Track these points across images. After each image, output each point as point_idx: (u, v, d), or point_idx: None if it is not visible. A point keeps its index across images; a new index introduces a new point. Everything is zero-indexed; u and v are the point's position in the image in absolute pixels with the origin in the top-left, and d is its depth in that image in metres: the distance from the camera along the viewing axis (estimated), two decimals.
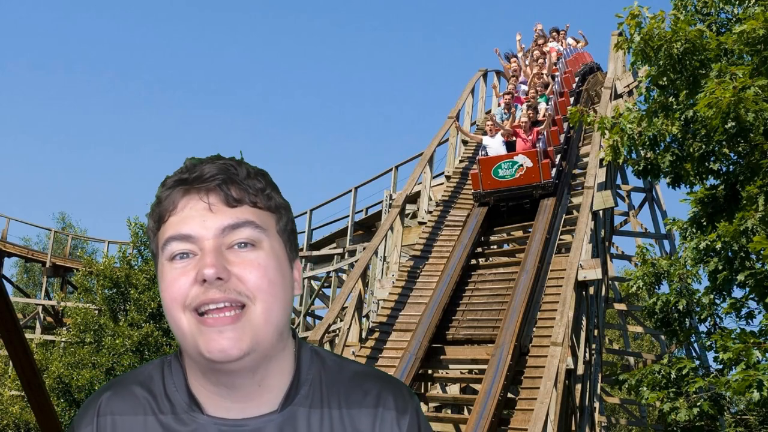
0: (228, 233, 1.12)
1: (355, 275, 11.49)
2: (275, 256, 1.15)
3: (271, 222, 1.17)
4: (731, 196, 9.86)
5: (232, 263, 1.11)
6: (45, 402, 5.29)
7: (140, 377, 1.22)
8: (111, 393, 1.21)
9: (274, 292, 1.13)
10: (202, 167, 1.16)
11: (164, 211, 1.16)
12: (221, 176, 1.14)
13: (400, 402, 1.21)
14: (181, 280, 1.11)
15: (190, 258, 1.12)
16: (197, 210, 1.13)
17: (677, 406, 9.93)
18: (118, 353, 19.67)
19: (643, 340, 32.64)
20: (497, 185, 13.45)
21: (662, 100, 10.20)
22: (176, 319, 1.12)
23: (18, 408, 21.14)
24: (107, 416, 1.19)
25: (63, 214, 47.88)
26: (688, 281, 10.64)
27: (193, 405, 1.17)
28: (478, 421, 8.75)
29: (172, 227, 1.14)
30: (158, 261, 1.17)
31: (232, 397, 1.15)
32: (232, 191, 1.14)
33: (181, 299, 1.11)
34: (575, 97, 17.91)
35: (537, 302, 11.05)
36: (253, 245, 1.13)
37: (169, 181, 1.17)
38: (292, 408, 1.16)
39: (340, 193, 22.22)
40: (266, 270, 1.12)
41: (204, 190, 1.14)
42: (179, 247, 1.13)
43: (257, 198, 1.16)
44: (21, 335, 5.19)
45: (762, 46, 9.10)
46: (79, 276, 22.62)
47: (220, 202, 1.13)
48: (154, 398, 1.18)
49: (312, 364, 1.21)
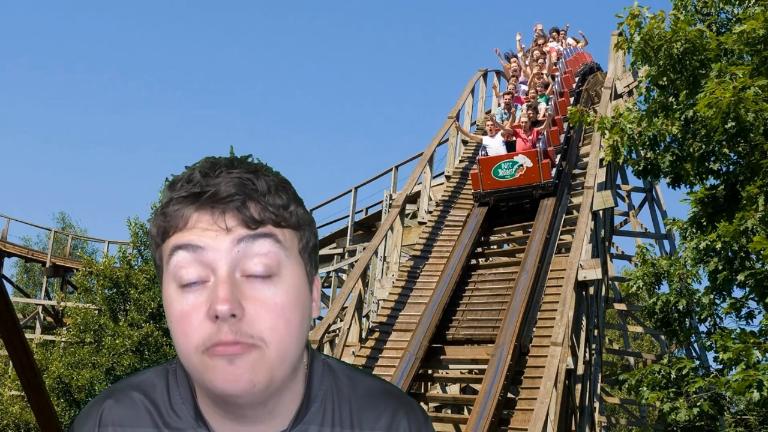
0: (245, 245, 1.02)
1: (355, 275, 11.49)
2: (295, 289, 1.06)
3: (294, 240, 1.07)
4: (731, 196, 9.86)
5: (247, 299, 1.01)
6: (45, 402, 5.28)
7: (142, 384, 1.16)
8: (113, 402, 1.15)
9: (291, 332, 1.04)
10: (217, 182, 1.04)
11: (170, 227, 1.05)
12: (240, 197, 1.03)
13: (413, 426, 1.16)
14: (192, 317, 1.02)
15: (201, 286, 1.02)
16: (211, 228, 1.03)
17: (677, 406, 9.93)
18: (118, 353, 19.68)
19: (643, 340, 32.64)
20: (497, 185, 13.45)
21: (662, 100, 10.21)
22: (187, 358, 1.04)
23: (18, 408, 21.15)
24: (108, 427, 1.13)
25: (63, 214, 47.95)
26: (688, 281, 10.65)
27: (200, 422, 1.11)
28: (478, 421, 8.75)
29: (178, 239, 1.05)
30: (162, 280, 1.09)
31: (242, 422, 1.09)
32: (252, 210, 1.03)
33: (195, 340, 1.02)
34: (575, 97, 17.91)
35: (537, 302, 11.05)
36: (270, 277, 1.03)
37: (177, 194, 1.05)
38: (302, 426, 1.12)
39: (340, 193, 22.23)
40: (283, 310, 1.03)
41: (219, 211, 1.03)
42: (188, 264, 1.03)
43: (279, 216, 1.05)
44: (21, 335, 5.19)
45: (762, 46, 9.10)
46: (79, 276, 22.63)
47: (237, 223, 1.03)
48: (157, 410, 1.13)
49: (323, 378, 1.16)
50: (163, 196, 1.08)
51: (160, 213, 1.06)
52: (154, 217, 1.08)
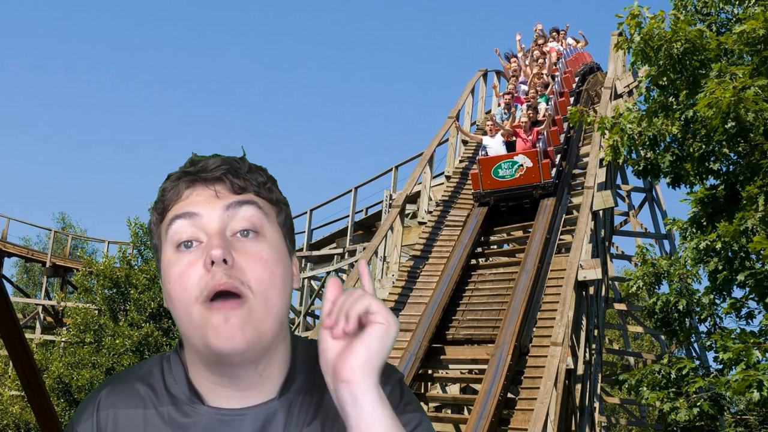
0: (233, 211, 1.17)
1: (355, 275, 11.49)
2: (276, 246, 1.19)
3: (273, 212, 1.21)
4: (731, 196, 9.86)
5: (237, 252, 1.14)
6: (45, 402, 5.28)
7: (139, 373, 1.24)
8: (110, 389, 1.23)
9: (275, 283, 1.15)
10: (206, 161, 1.21)
11: (168, 201, 1.19)
12: (225, 167, 1.19)
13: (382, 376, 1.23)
14: (190, 272, 1.14)
15: (195, 247, 1.15)
16: (204, 195, 1.18)
17: (677, 406, 9.93)
18: (118, 353, 19.67)
19: (643, 340, 32.64)
20: (497, 185, 13.45)
21: (662, 100, 10.20)
22: (188, 312, 1.14)
23: (18, 408, 21.14)
24: (108, 410, 1.20)
25: (63, 214, 48.01)
26: (688, 281, 10.65)
27: (194, 397, 1.19)
28: (478, 421, 8.75)
29: (176, 210, 1.18)
30: (161, 254, 1.19)
31: (234, 386, 1.18)
32: (237, 181, 1.19)
33: (194, 292, 1.13)
34: (575, 97, 17.91)
35: (537, 302, 11.06)
36: (256, 233, 1.17)
37: (173, 175, 1.21)
38: (289, 395, 1.20)
39: (340, 193, 22.25)
40: (268, 262, 1.15)
41: (210, 180, 1.19)
42: (184, 229, 1.16)
43: (260, 189, 1.21)
44: (21, 335, 5.19)
45: (762, 46, 9.10)
46: (79, 276, 22.63)
47: (225, 189, 1.18)
48: (154, 392, 1.21)
49: (305, 353, 1.25)
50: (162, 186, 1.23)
51: (159, 198, 1.21)
52: (153, 206, 1.22)
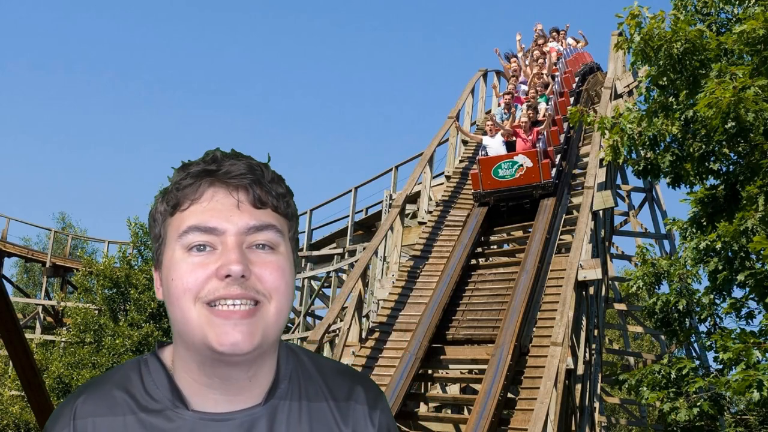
0: (252, 234, 1.16)
1: (355, 275, 11.48)
2: (290, 262, 1.20)
3: (287, 228, 1.21)
4: (731, 196, 9.85)
5: (253, 263, 1.14)
6: (45, 402, 5.29)
7: (116, 378, 1.20)
8: (86, 396, 1.18)
9: (288, 295, 1.18)
10: (230, 163, 1.17)
11: (185, 197, 1.16)
12: (250, 176, 1.17)
13: (371, 398, 1.28)
14: (198, 272, 1.13)
15: (209, 251, 1.14)
16: (225, 205, 1.15)
17: (677, 406, 9.93)
18: (118, 353, 19.67)
19: (643, 340, 32.64)
20: (497, 185, 13.44)
21: (662, 100, 10.20)
22: (185, 310, 1.13)
23: (18, 408, 21.14)
24: (86, 419, 1.16)
25: (63, 214, 48.01)
26: (688, 281, 10.64)
27: (177, 401, 1.17)
28: (478, 421, 8.74)
29: (195, 216, 1.15)
30: (164, 247, 1.18)
31: (223, 389, 1.17)
32: (259, 193, 1.17)
33: (196, 290, 1.12)
34: (575, 97, 17.90)
35: (537, 302, 11.05)
36: (272, 248, 1.17)
37: (194, 170, 1.17)
38: (273, 401, 1.21)
39: (340, 193, 22.26)
40: (284, 273, 1.17)
41: (233, 186, 1.16)
42: (200, 238, 1.14)
43: (279, 203, 1.19)
44: (21, 335, 5.19)
45: (762, 46, 9.10)
46: (79, 276, 22.63)
47: (247, 201, 1.16)
48: (132, 398, 1.17)
49: (289, 360, 1.26)
50: (175, 177, 1.17)
51: (174, 189, 1.17)
52: (162, 195, 1.18)
